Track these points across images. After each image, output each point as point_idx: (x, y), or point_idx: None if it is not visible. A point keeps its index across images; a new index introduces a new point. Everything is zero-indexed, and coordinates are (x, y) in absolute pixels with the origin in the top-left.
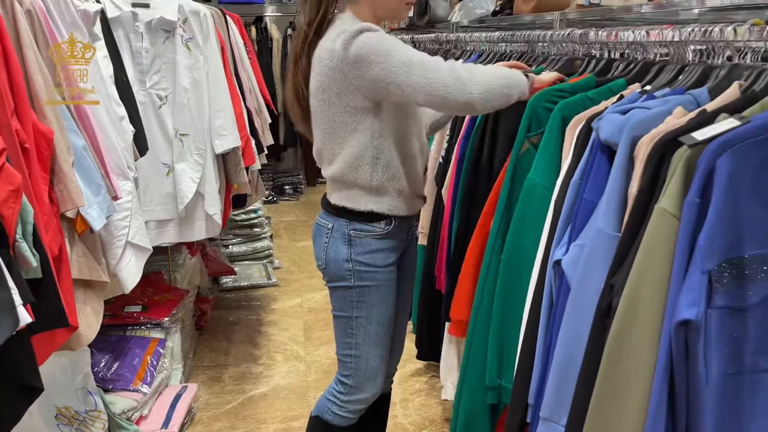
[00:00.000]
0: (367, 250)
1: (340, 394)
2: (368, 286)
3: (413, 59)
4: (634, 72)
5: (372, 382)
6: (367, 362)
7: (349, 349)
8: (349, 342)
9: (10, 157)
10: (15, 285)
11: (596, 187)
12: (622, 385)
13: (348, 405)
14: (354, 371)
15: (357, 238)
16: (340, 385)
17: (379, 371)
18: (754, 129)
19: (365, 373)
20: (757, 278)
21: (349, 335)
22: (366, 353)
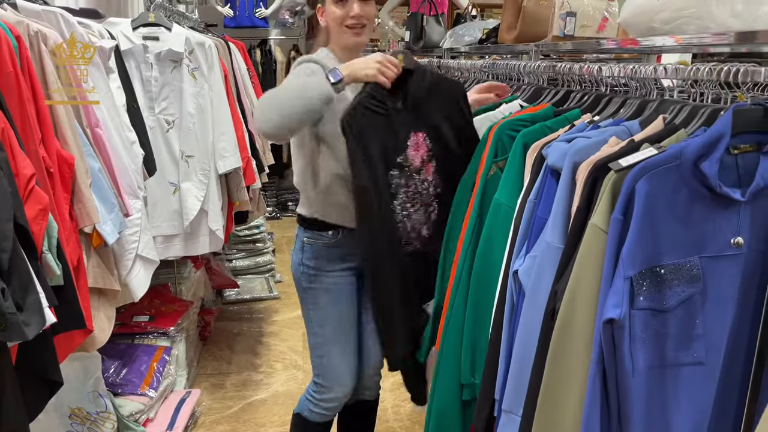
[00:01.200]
0: (315, 255)
1: (314, 392)
2: (317, 288)
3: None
4: (588, 103)
5: (339, 380)
6: (330, 361)
7: (315, 349)
8: (313, 342)
9: (38, 180)
10: (42, 290)
11: (547, 206)
12: (564, 377)
13: (321, 403)
14: (321, 370)
15: (308, 245)
16: (314, 384)
17: (344, 371)
18: (668, 157)
19: (331, 372)
20: (674, 284)
21: (312, 335)
22: (328, 353)
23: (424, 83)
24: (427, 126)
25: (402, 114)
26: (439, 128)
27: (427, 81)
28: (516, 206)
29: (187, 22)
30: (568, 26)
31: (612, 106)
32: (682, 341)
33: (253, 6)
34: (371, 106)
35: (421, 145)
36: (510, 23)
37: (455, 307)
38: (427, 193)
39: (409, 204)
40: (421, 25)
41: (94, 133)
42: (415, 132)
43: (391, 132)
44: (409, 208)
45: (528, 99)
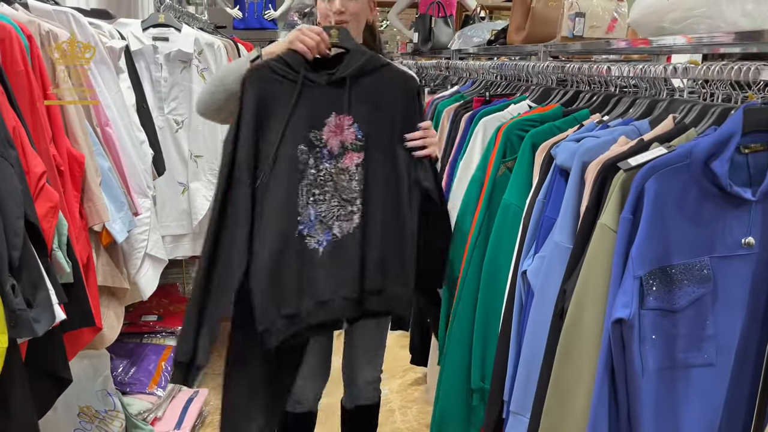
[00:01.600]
0: None
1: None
2: None
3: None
4: (597, 103)
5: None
6: None
7: None
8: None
9: (49, 178)
10: (52, 287)
11: (555, 206)
12: (572, 377)
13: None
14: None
15: None
16: None
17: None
18: (678, 156)
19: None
20: (684, 284)
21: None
22: None
23: (362, 65)
24: (358, 113)
25: (325, 90)
26: (375, 121)
27: (368, 64)
28: (525, 206)
29: (196, 24)
30: (577, 27)
31: (621, 106)
32: (692, 342)
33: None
34: (279, 70)
35: (346, 131)
36: (519, 24)
37: (460, 309)
38: (346, 186)
39: (317, 190)
40: (430, 26)
41: (104, 133)
42: (340, 114)
43: (306, 105)
44: (317, 195)
45: (536, 99)
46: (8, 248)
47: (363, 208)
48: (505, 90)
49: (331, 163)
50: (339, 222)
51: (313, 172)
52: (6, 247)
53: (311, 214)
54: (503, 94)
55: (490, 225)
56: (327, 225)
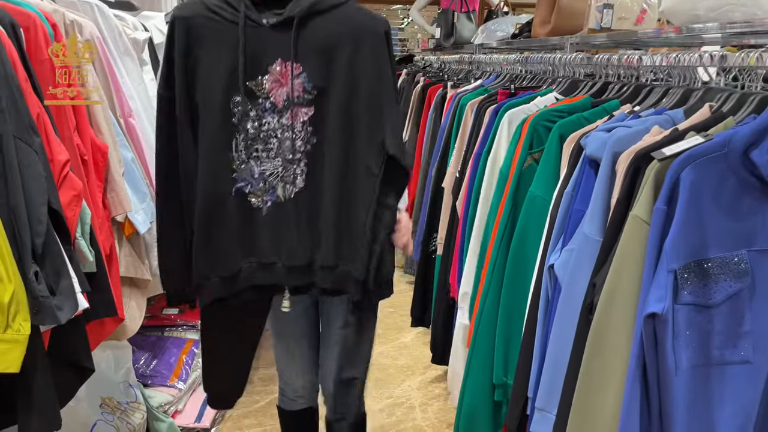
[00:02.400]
0: None
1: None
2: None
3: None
4: (628, 93)
5: (285, 380)
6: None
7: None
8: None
9: (72, 167)
10: (75, 275)
11: (585, 198)
12: (601, 374)
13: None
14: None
15: None
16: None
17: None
18: (715, 145)
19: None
20: (720, 278)
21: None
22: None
23: (314, 2)
24: (309, 61)
25: (270, 33)
26: (329, 70)
27: (322, 2)
28: (552, 199)
29: None
30: (605, 18)
31: (653, 96)
32: (728, 338)
33: None
34: (215, 7)
35: (292, 81)
36: (544, 17)
37: (488, 304)
38: (290, 144)
39: (260, 146)
40: (452, 21)
41: (128, 124)
42: (285, 61)
43: (247, 49)
44: (260, 151)
45: (563, 92)
46: (32, 235)
47: (308, 170)
48: (531, 83)
49: (274, 117)
50: (282, 183)
51: (255, 125)
52: (29, 234)
53: (254, 171)
54: (529, 86)
55: (515, 218)
56: (270, 184)
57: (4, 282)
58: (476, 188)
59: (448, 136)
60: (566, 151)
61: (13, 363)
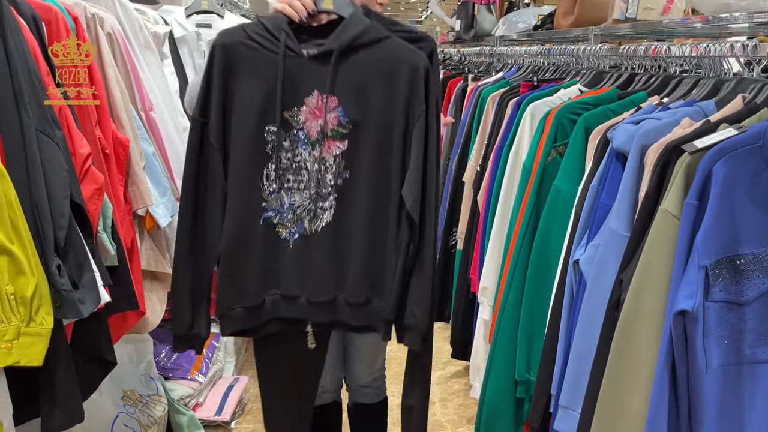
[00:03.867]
0: None
1: None
2: None
3: None
4: (655, 85)
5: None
6: None
7: None
8: None
9: (94, 161)
10: (97, 268)
11: (611, 192)
12: (628, 372)
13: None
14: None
15: None
16: None
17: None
18: (750, 137)
19: None
20: (753, 275)
21: None
22: None
23: (355, 36)
24: (345, 94)
25: (309, 64)
26: (366, 105)
27: (363, 36)
28: (577, 193)
29: (238, 11)
30: (630, 9)
31: (682, 88)
32: (760, 337)
33: None
34: (256, 36)
35: (328, 114)
36: (567, 8)
37: (510, 299)
38: (321, 178)
39: (292, 176)
40: (473, 14)
41: (149, 117)
42: (323, 93)
43: (285, 79)
44: (291, 182)
45: (588, 84)
46: (54, 229)
47: (337, 205)
48: (554, 75)
49: (306, 149)
50: (310, 216)
51: (287, 156)
52: (52, 228)
53: (283, 202)
54: (552, 79)
55: (539, 213)
56: (299, 216)
57: (27, 275)
58: (498, 182)
59: (468, 130)
60: (591, 144)
61: (36, 356)
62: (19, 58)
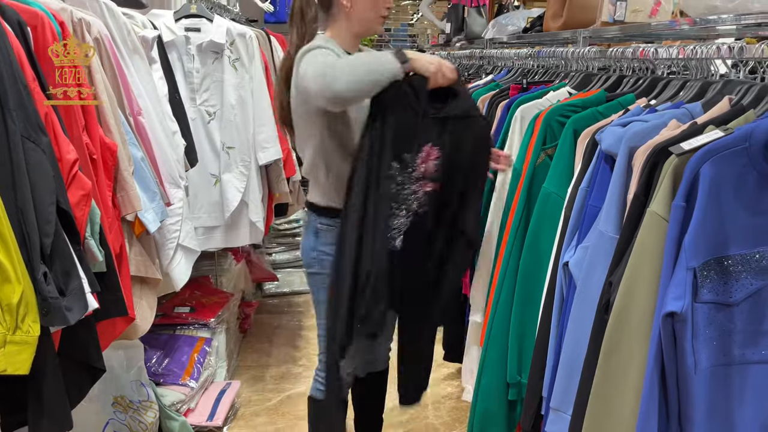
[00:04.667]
0: (329, 242)
1: (319, 371)
2: (328, 274)
3: (320, 60)
4: (643, 87)
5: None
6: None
7: (321, 330)
8: (320, 323)
9: (81, 166)
10: (85, 275)
11: (600, 194)
12: (618, 374)
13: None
14: (325, 350)
15: (322, 231)
16: (319, 363)
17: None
18: (736, 139)
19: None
20: (741, 276)
21: (319, 316)
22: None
23: (463, 107)
24: (444, 148)
25: (429, 121)
26: (454, 161)
27: (471, 111)
28: (566, 195)
29: (228, 15)
30: (618, 11)
31: (670, 89)
32: (749, 337)
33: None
34: (409, 96)
35: (430, 161)
36: (556, 11)
37: (501, 302)
38: (413, 209)
39: (395, 204)
40: (462, 16)
41: (137, 122)
42: (432, 145)
43: (413, 129)
44: (395, 209)
45: (577, 86)
46: (40, 235)
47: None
48: (543, 77)
49: (410, 186)
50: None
51: (398, 188)
52: (38, 234)
53: (392, 224)
54: (541, 81)
55: (529, 215)
56: (393, 237)
57: (12, 283)
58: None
59: None
60: (580, 146)
61: (23, 364)
62: (4, 63)
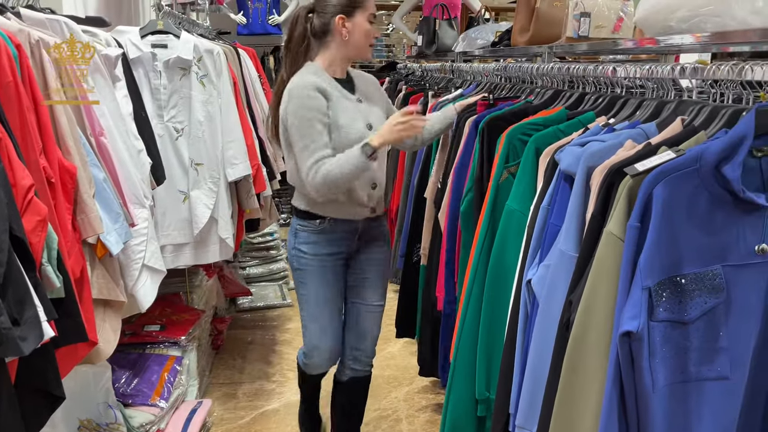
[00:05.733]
0: (305, 241)
1: (303, 354)
2: (304, 270)
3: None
4: (603, 105)
5: (316, 352)
6: (309, 333)
7: (302, 320)
8: (301, 315)
9: (37, 191)
10: (40, 303)
11: (560, 212)
12: (578, 392)
13: (308, 364)
14: (305, 340)
15: (299, 231)
16: (303, 347)
17: (319, 344)
18: (687, 160)
19: (309, 343)
20: (695, 294)
21: (300, 309)
22: (307, 326)
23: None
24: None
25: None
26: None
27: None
28: (529, 213)
29: (197, 30)
30: (582, 27)
31: (628, 108)
32: (704, 355)
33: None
34: None
35: None
36: (523, 25)
37: (468, 318)
38: None
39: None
40: (434, 29)
41: (99, 142)
42: None
43: None
44: None
45: (545, 102)
46: None
47: None
48: (509, 93)
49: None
50: None
51: None
52: None
53: None
54: (508, 97)
55: (494, 232)
56: None
57: None
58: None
59: (429, 146)
60: (542, 164)
61: None
62: None
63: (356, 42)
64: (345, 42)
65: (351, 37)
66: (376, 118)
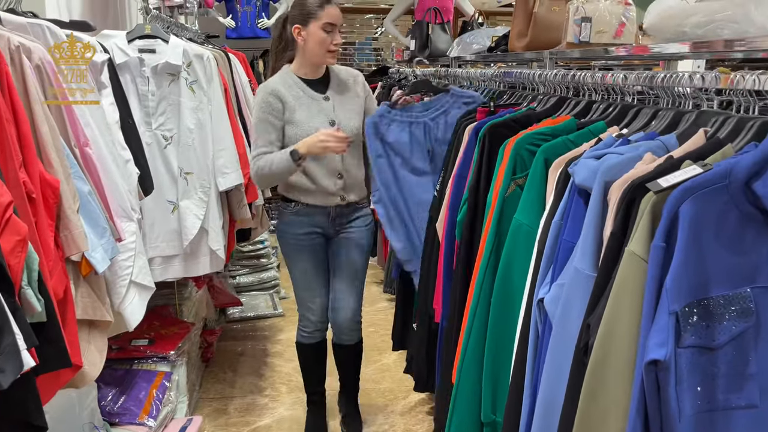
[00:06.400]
0: (284, 221)
1: (299, 327)
2: (286, 245)
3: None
4: (613, 115)
5: (305, 315)
6: (300, 300)
7: (294, 289)
8: (293, 290)
9: (17, 208)
10: (19, 330)
11: (574, 229)
12: (598, 420)
13: (302, 328)
14: (299, 309)
15: (281, 212)
16: (299, 319)
17: (307, 308)
18: (715, 176)
19: (300, 306)
20: (724, 318)
21: (293, 286)
22: (296, 292)
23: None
24: None
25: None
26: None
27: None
28: (539, 227)
29: (186, 34)
30: (583, 32)
31: (641, 118)
32: (733, 382)
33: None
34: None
35: None
36: (521, 30)
37: (473, 337)
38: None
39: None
40: (427, 33)
41: (84, 153)
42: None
43: None
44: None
45: (548, 111)
46: None
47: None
48: (510, 100)
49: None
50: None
51: None
52: None
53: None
54: (508, 104)
55: (500, 248)
56: None
57: None
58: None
59: None
60: (552, 176)
61: None
62: None
63: (311, 50)
64: (303, 49)
65: (306, 45)
66: (345, 114)
